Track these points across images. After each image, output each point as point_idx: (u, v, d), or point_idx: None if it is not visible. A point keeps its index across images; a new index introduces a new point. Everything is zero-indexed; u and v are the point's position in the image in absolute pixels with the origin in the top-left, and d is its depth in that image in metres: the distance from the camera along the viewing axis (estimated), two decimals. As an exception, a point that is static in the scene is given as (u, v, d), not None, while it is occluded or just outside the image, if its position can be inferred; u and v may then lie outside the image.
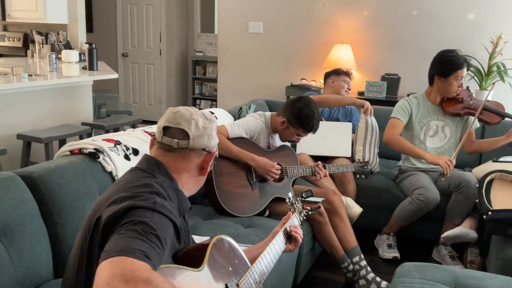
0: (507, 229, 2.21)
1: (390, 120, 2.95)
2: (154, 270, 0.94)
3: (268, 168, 2.33)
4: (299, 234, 1.59)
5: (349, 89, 3.35)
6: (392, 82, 4.49)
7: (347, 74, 3.35)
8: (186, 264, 1.13)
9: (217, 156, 1.46)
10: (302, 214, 1.76)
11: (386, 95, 4.44)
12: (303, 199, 1.79)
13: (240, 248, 1.35)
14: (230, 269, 1.23)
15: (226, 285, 1.18)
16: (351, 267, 2.44)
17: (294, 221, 1.64)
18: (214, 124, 1.33)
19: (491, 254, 2.43)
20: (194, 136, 1.27)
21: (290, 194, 1.76)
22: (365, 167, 2.67)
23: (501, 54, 4.13)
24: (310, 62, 4.94)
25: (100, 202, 1.17)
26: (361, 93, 4.57)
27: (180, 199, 1.24)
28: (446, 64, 2.83)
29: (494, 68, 4.13)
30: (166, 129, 1.28)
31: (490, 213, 2.23)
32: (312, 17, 4.85)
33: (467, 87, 4.15)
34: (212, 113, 2.89)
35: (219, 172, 2.29)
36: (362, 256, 2.48)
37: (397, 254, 2.80)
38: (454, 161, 2.71)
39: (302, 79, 4.85)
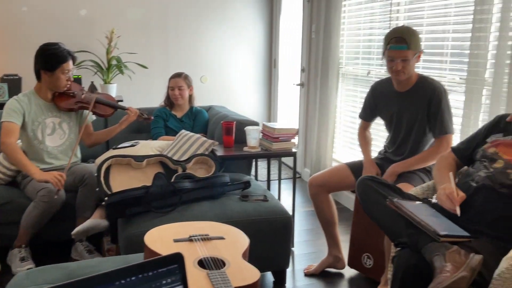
0: (124, 210, 2.33)
1: (2, 125, 2.66)
2: None
3: None
4: None
5: None
6: (13, 83, 4.13)
7: None
8: None
9: None
10: None
11: (9, 97, 4.04)
12: None
13: None
14: None
15: None
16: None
17: None
18: None
19: (119, 236, 2.52)
20: None
21: None
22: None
23: (117, 48, 4.36)
24: None
25: None
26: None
27: None
28: (50, 58, 2.73)
29: (114, 62, 4.33)
30: None
31: (106, 198, 2.29)
32: None
33: (92, 82, 4.25)
34: None
35: None
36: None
37: (31, 265, 2.57)
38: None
39: None
